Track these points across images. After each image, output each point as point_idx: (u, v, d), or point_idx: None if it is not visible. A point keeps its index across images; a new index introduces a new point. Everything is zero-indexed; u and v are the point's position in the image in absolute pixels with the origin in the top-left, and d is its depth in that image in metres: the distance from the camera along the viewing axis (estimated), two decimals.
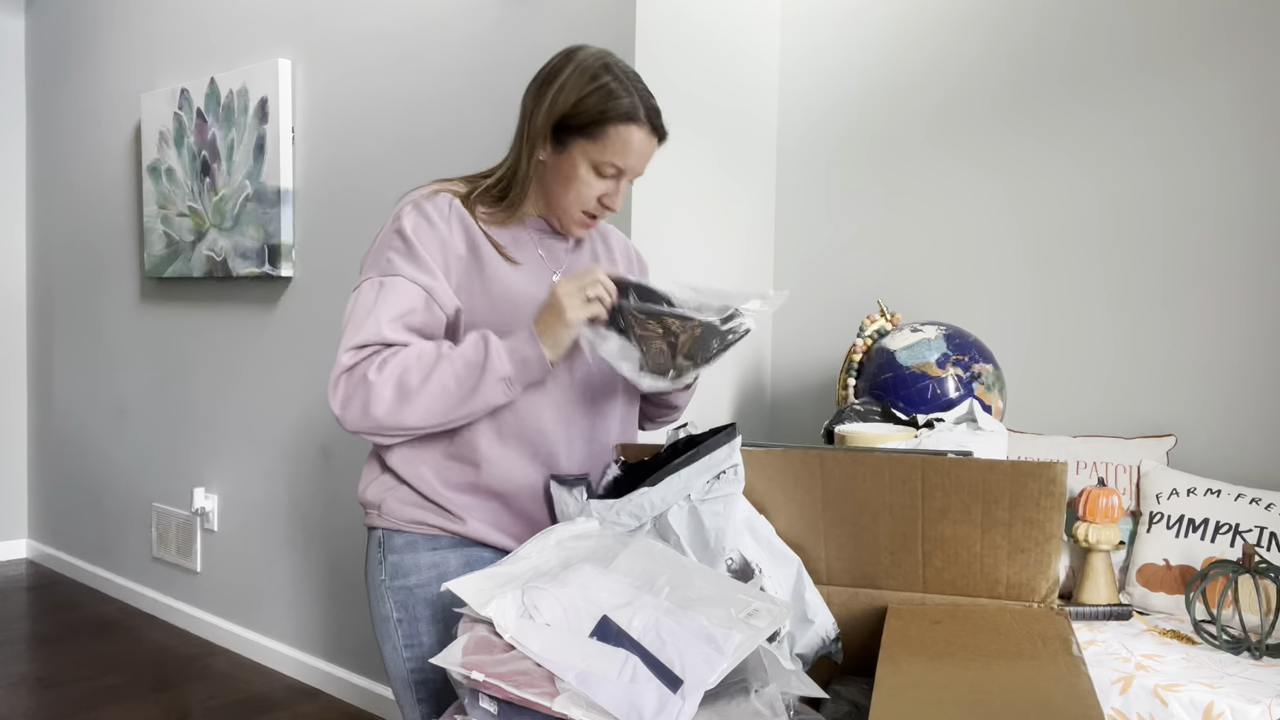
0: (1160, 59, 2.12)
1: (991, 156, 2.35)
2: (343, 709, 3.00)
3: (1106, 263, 2.20)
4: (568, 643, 1.02)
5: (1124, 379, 2.18)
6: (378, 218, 2.91)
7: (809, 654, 1.36)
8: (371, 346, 1.34)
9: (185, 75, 3.60)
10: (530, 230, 1.48)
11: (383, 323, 1.34)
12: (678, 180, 2.40)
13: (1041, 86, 2.28)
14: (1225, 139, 2.05)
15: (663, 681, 0.99)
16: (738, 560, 1.31)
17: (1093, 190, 2.21)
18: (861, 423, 1.93)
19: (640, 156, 1.41)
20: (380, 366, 1.31)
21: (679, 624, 1.03)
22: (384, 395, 1.30)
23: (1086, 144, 2.22)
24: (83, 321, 4.23)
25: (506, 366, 1.32)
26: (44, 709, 2.95)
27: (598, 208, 1.43)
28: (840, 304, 2.59)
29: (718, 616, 1.05)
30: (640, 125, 1.39)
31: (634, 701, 0.97)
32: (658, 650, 1.01)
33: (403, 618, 1.41)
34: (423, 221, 1.39)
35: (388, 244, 1.39)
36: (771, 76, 2.69)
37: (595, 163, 1.40)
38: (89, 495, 4.22)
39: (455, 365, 1.32)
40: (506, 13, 2.53)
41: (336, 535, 3.09)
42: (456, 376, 1.31)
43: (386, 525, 1.43)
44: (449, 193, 1.43)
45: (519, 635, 1.03)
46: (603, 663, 1.00)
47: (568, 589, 1.08)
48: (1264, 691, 1.48)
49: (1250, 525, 1.81)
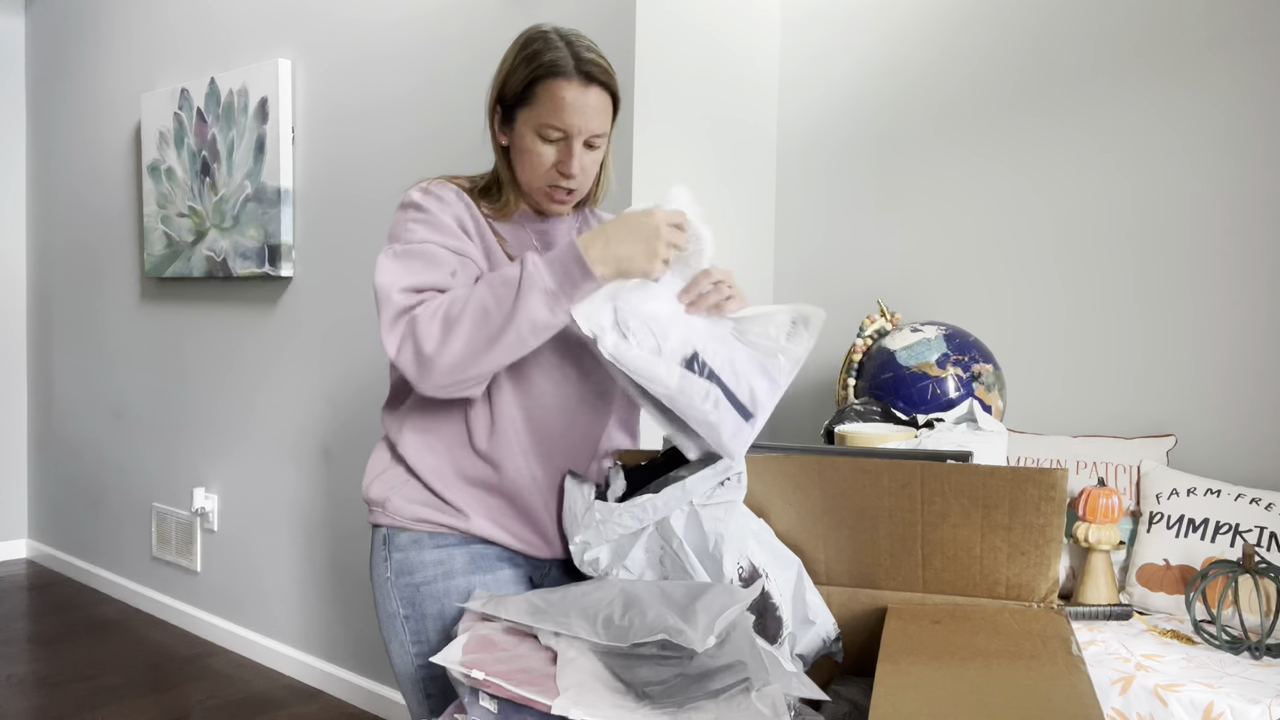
0: (1159, 59, 2.12)
1: (992, 157, 2.35)
2: (343, 709, 3.00)
3: (1107, 262, 2.20)
4: (662, 367, 1.24)
5: (1124, 379, 2.18)
6: (378, 218, 2.91)
7: (810, 654, 1.36)
8: (426, 292, 1.30)
9: (185, 75, 3.60)
10: (526, 225, 1.48)
11: (418, 271, 1.31)
12: (677, 181, 2.39)
13: (1041, 87, 2.28)
14: (1226, 139, 2.05)
15: (738, 411, 1.26)
16: (747, 568, 1.32)
17: (1093, 190, 2.21)
18: (861, 423, 1.93)
19: (577, 111, 1.35)
20: (428, 304, 1.28)
21: (748, 360, 1.29)
22: (432, 330, 1.25)
23: (1087, 144, 2.22)
24: (82, 321, 4.23)
25: (547, 278, 1.24)
26: (44, 709, 2.95)
27: (558, 178, 1.39)
28: (840, 304, 2.59)
29: (766, 339, 1.31)
30: (567, 77, 1.34)
31: (714, 424, 1.25)
32: (734, 385, 1.27)
33: (409, 615, 1.41)
34: (434, 198, 1.39)
35: (406, 218, 1.37)
36: (771, 77, 2.69)
37: (536, 128, 1.36)
38: (89, 495, 4.22)
39: (493, 284, 1.26)
40: (506, 12, 2.53)
41: (337, 535, 3.09)
42: (496, 296, 1.25)
43: (391, 523, 1.43)
44: (454, 185, 1.44)
45: (616, 353, 1.24)
46: (691, 388, 1.24)
47: (659, 321, 1.28)
48: (1264, 691, 1.48)
49: (1250, 525, 1.81)
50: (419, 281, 1.31)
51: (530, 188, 1.42)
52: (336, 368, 3.06)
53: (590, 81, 1.35)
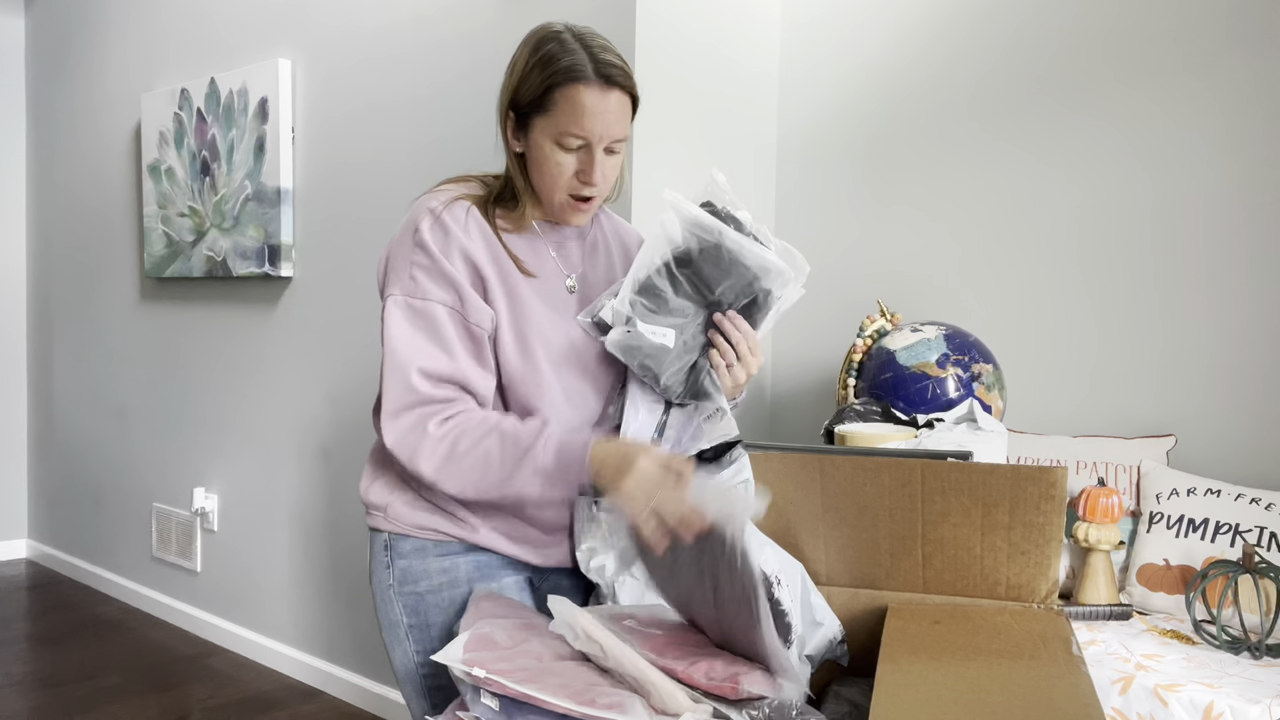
0: (1158, 60, 2.12)
1: (992, 157, 2.35)
2: (343, 709, 3.00)
3: (1106, 262, 2.20)
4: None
5: (1124, 379, 2.18)
6: (378, 218, 2.91)
7: (818, 655, 1.36)
8: (448, 386, 1.29)
9: (185, 75, 3.60)
10: (541, 233, 1.42)
11: (436, 356, 1.28)
12: (677, 181, 2.39)
13: (1041, 88, 2.28)
14: (1226, 139, 2.05)
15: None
16: (758, 576, 1.32)
17: (1094, 190, 2.21)
18: (861, 423, 1.93)
19: (598, 117, 1.28)
20: (443, 421, 1.27)
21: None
22: (436, 452, 1.26)
23: (1087, 145, 2.22)
24: (82, 321, 4.23)
25: (549, 462, 1.24)
26: (44, 709, 2.95)
27: (579, 187, 1.33)
28: (840, 304, 2.59)
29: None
30: (587, 82, 1.27)
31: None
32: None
33: (414, 623, 1.38)
34: (440, 232, 1.31)
35: (410, 258, 1.31)
36: (771, 77, 2.69)
37: (555, 137, 1.30)
38: (89, 495, 4.22)
39: (505, 437, 1.26)
40: (506, 12, 2.53)
41: (336, 535, 3.09)
42: (502, 452, 1.25)
43: (393, 529, 1.39)
44: (466, 199, 1.36)
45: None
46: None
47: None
48: (1264, 691, 1.48)
49: (1250, 525, 1.81)
50: (436, 368, 1.29)
51: (548, 197, 1.36)
52: (336, 368, 3.06)
53: (610, 85, 1.29)
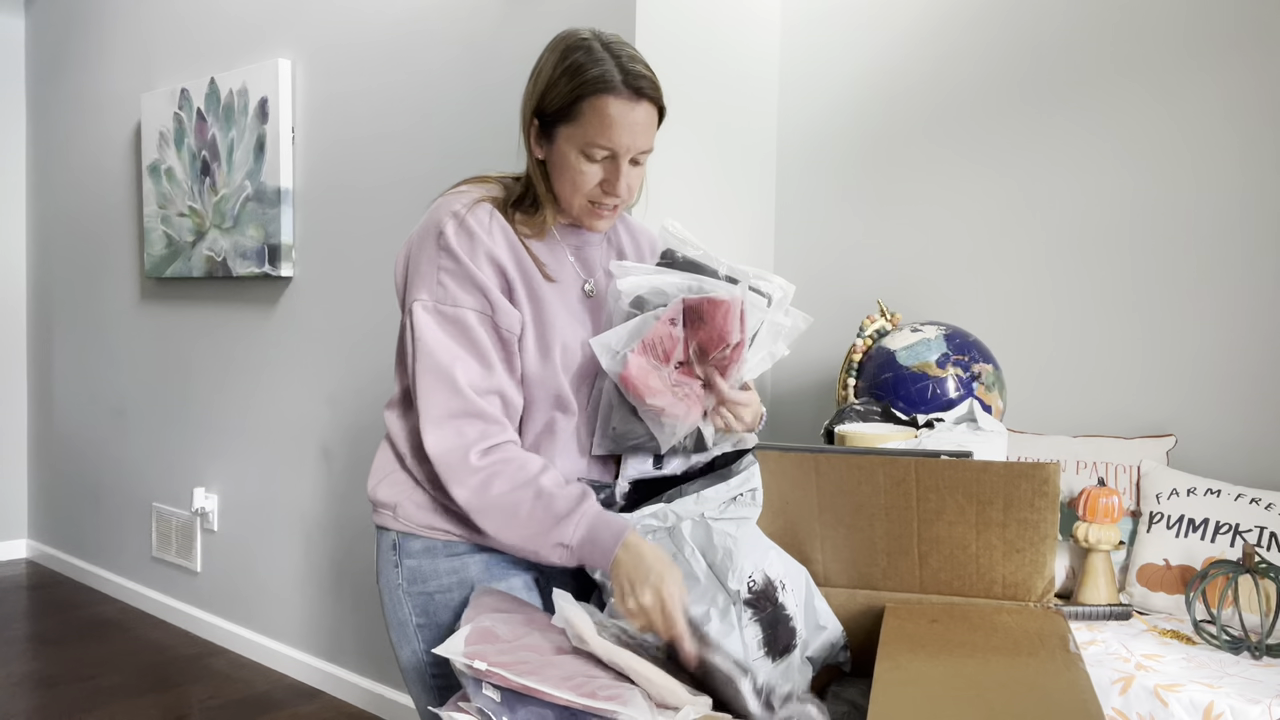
0: (1159, 59, 2.12)
1: (992, 157, 2.35)
2: (343, 709, 3.00)
3: (1106, 263, 2.19)
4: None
5: (1124, 379, 2.17)
6: (378, 218, 2.91)
7: (819, 657, 1.37)
8: (490, 397, 1.30)
9: (185, 75, 3.60)
10: (561, 238, 1.41)
11: (473, 366, 1.30)
12: (677, 181, 2.39)
13: (1041, 88, 2.27)
14: (1224, 139, 2.04)
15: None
16: (760, 580, 1.31)
17: (1094, 190, 2.21)
18: (861, 423, 1.93)
19: (625, 129, 1.27)
20: (485, 452, 1.28)
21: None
22: (471, 483, 1.27)
23: (1087, 145, 2.21)
24: (82, 321, 4.23)
25: (575, 536, 1.26)
26: (44, 709, 2.95)
27: (603, 196, 1.33)
28: (840, 304, 2.59)
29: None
30: (616, 94, 1.26)
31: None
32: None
33: (423, 623, 1.37)
34: (466, 237, 1.31)
35: (436, 263, 1.31)
36: (771, 77, 2.69)
37: (581, 147, 1.29)
38: (89, 495, 4.22)
39: (541, 496, 1.27)
40: (506, 13, 2.53)
41: (337, 535, 3.09)
42: (533, 511, 1.27)
43: (402, 529, 1.38)
44: (488, 201, 1.35)
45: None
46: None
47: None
48: (1264, 691, 1.47)
49: (1250, 525, 1.81)
50: (475, 379, 1.30)
51: (570, 205, 1.35)
52: (336, 367, 3.06)
53: (639, 97, 1.28)
